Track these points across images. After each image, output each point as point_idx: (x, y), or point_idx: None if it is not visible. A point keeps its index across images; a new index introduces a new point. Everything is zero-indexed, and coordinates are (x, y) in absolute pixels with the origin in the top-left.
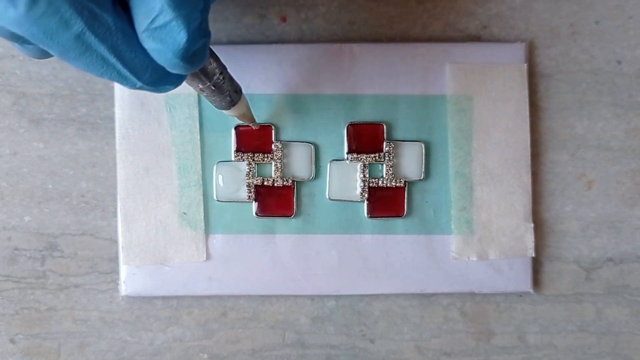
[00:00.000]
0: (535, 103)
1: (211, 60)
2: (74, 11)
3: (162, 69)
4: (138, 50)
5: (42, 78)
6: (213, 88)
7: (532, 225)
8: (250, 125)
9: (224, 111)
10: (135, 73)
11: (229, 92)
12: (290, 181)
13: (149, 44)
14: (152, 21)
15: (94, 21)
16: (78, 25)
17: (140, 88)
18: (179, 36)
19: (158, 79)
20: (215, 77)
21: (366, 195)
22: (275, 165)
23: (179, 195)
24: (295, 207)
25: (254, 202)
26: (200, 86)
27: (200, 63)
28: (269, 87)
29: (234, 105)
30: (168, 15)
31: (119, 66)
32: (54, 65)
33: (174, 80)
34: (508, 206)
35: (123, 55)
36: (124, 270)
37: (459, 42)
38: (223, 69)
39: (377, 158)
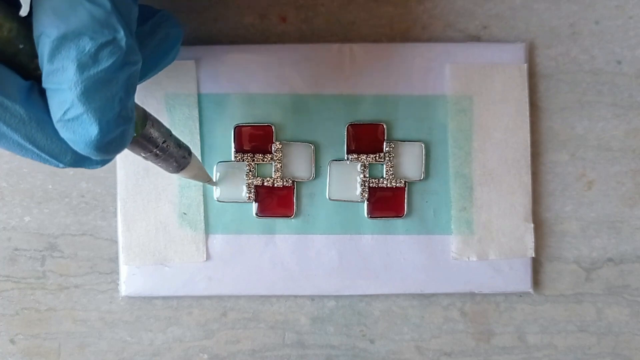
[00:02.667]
0: (535, 103)
1: (153, 129)
2: None
3: None
4: (55, 137)
5: None
6: (158, 155)
7: (532, 225)
8: (207, 184)
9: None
10: (55, 157)
11: (175, 158)
12: (290, 181)
13: (63, 133)
14: (65, 113)
15: (4, 113)
16: None
17: (66, 167)
18: (91, 128)
19: (81, 160)
20: (159, 145)
21: (366, 196)
22: (275, 165)
23: (179, 196)
24: (295, 207)
25: (254, 202)
26: (143, 154)
27: (118, 150)
28: (269, 87)
29: (181, 169)
30: (79, 108)
31: (37, 151)
32: None
33: (99, 160)
34: (508, 206)
35: (38, 142)
36: (124, 270)
37: (459, 42)
38: (167, 135)
39: (377, 158)
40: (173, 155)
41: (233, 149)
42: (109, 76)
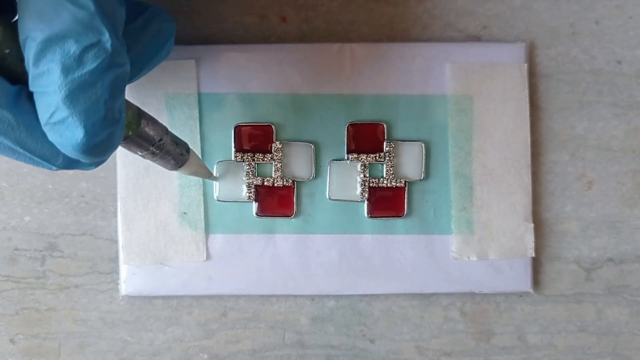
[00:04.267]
0: (535, 103)
1: (148, 128)
2: None
3: None
4: (45, 140)
5: None
6: (155, 153)
7: (532, 225)
8: (208, 179)
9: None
10: (47, 160)
11: (172, 156)
12: (290, 181)
13: (50, 136)
14: (51, 116)
15: None
16: None
17: (59, 169)
18: (77, 131)
19: (74, 162)
20: (155, 143)
21: (366, 195)
22: (275, 165)
23: (179, 195)
24: (295, 207)
25: (254, 202)
26: (140, 153)
27: (107, 153)
28: (269, 87)
29: (180, 166)
30: (64, 111)
31: (28, 155)
32: None
33: (91, 162)
34: (508, 206)
35: (29, 146)
36: (124, 270)
37: (459, 42)
38: (163, 133)
39: (377, 158)
40: (170, 152)
41: (233, 149)
42: (93, 79)
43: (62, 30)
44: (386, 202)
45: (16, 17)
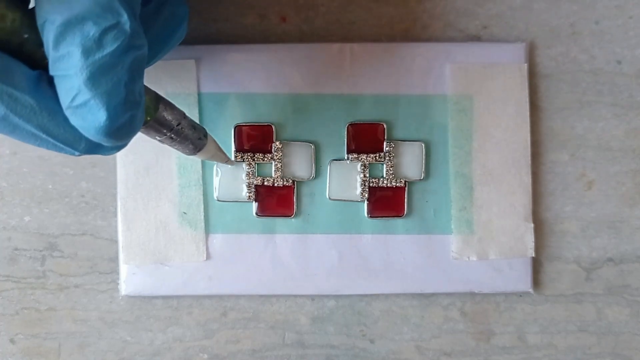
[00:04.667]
0: (535, 103)
1: (166, 112)
2: None
3: None
4: (67, 125)
5: None
6: (173, 138)
7: (532, 225)
8: (226, 164)
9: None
10: (70, 145)
11: (191, 140)
12: (290, 181)
13: (73, 120)
14: (73, 99)
15: (15, 104)
16: (0, 109)
17: (82, 154)
18: (99, 114)
19: (95, 147)
20: (173, 128)
21: (366, 195)
22: (275, 165)
23: (179, 195)
24: (295, 207)
25: (254, 201)
26: (158, 138)
27: (129, 135)
28: (269, 87)
29: (198, 151)
30: (86, 94)
31: (51, 140)
32: None
33: (113, 146)
34: (508, 206)
35: (51, 131)
36: (124, 270)
37: (459, 42)
38: (181, 118)
39: (377, 158)
40: (189, 137)
41: (233, 149)
42: (114, 60)
43: (80, 13)
44: (386, 202)
45: (32, 4)
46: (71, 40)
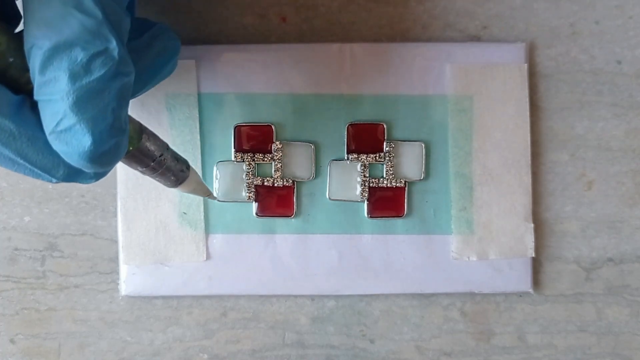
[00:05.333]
0: (535, 103)
1: (149, 142)
2: None
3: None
4: (47, 151)
5: None
6: (155, 169)
7: (532, 225)
8: (207, 198)
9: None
10: (48, 171)
11: (172, 172)
12: (290, 181)
13: (56, 145)
14: (57, 124)
15: None
16: None
17: (59, 182)
18: (84, 139)
19: (75, 174)
20: (155, 159)
21: (366, 195)
22: (275, 165)
23: (179, 195)
24: (295, 207)
25: (254, 202)
26: (140, 168)
27: (112, 162)
28: (268, 87)
29: (180, 183)
30: (72, 119)
31: (29, 166)
32: None
33: (93, 174)
34: (508, 206)
35: (30, 157)
36: (124, 270)
37: (459, 42)
38: (164, 149)
39: (377, 158)
40: (170, 169)
41: (233, 149)
42: (101, 86)
43: (69, 38)
44: (386, 202)
45: (20, 28)
46: (58, 65)
